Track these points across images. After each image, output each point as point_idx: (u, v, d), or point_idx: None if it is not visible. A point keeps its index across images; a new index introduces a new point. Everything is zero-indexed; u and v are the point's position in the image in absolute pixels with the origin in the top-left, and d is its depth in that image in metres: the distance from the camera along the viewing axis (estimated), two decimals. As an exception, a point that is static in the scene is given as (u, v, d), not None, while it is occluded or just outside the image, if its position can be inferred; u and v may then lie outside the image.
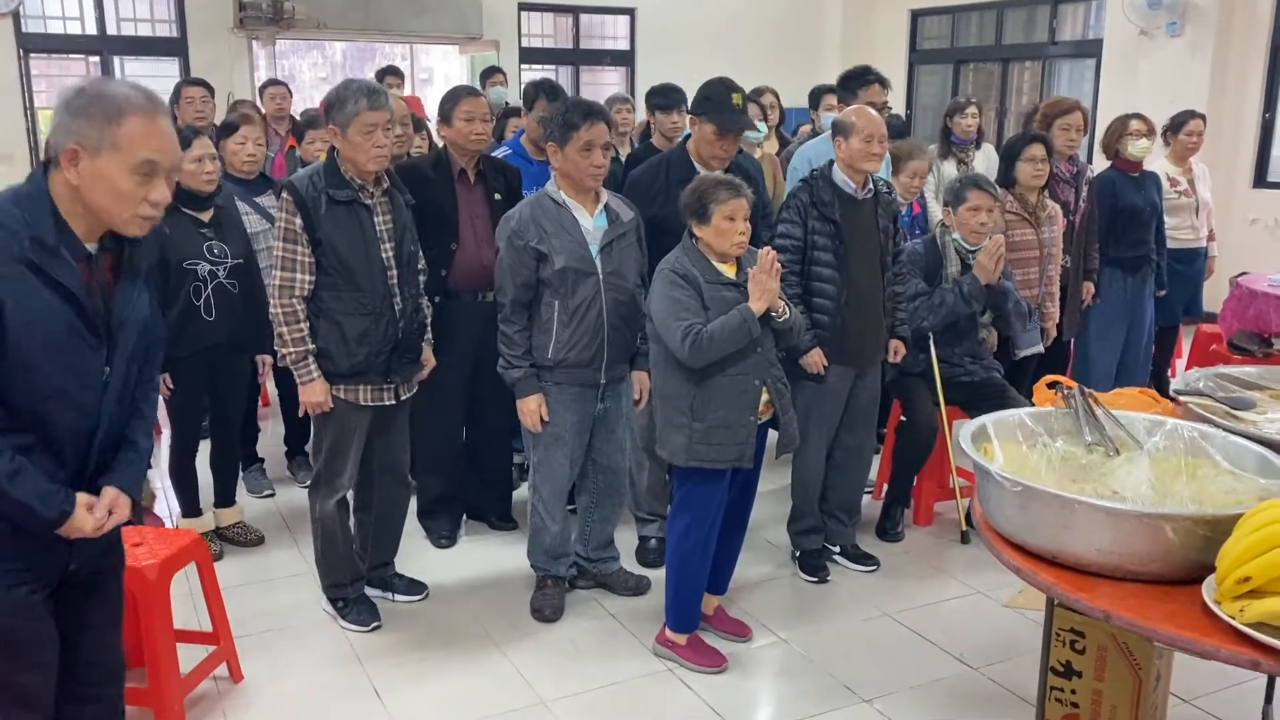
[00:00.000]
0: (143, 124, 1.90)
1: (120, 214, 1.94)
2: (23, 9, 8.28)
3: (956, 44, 10.81)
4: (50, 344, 1.93)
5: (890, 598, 3.74)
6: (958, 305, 4.02)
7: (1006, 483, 2.10)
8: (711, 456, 3.10)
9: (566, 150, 3.27)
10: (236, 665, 3.18)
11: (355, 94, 3.14)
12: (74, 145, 1.87)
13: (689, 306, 3.04)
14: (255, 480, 4.72)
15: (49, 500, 1.96)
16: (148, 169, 1.92)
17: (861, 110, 3.72)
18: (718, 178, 3.13)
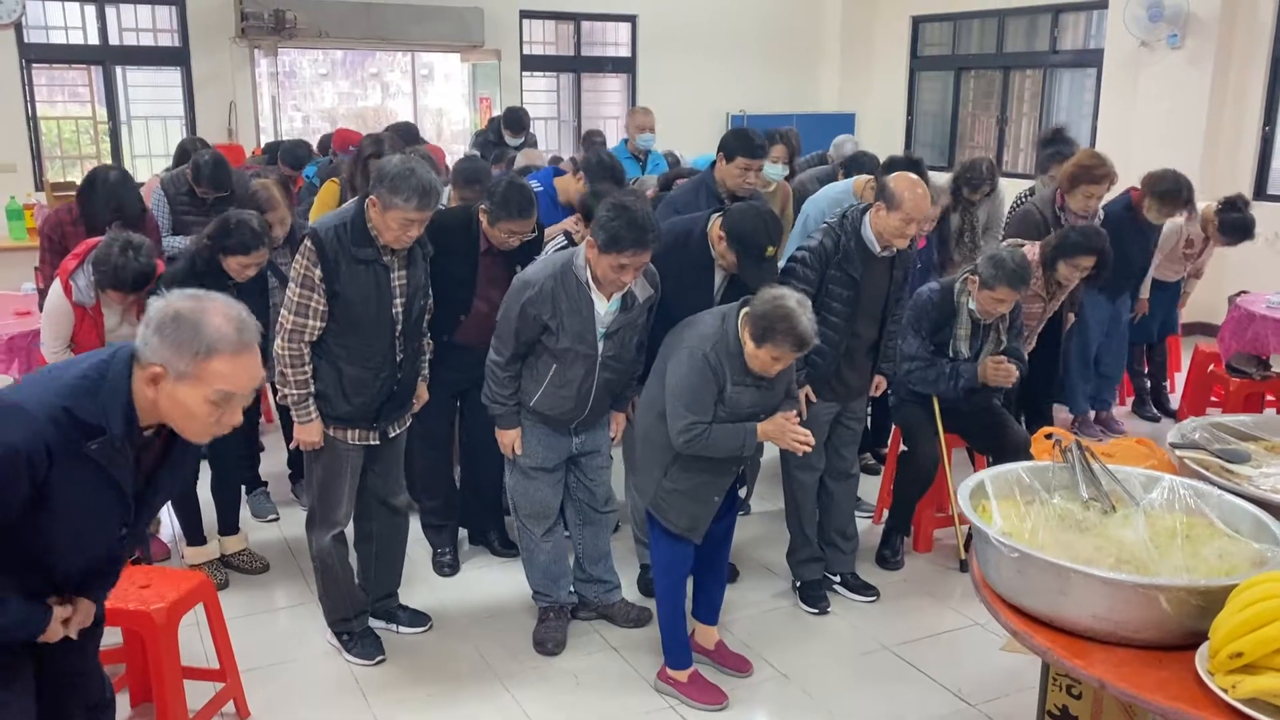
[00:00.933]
0: (229, 364, 1.92)
1: (189, 431, 1.99)
2: (25, 19, 8.28)
3: (957, 51, 10.81)
4: (85, 521, 1.99)
5: (890, 630, 3.78)
6: (947, 391, 4.04)
7: (1004, 548, 2.13)
8: (668, 517, 3.21)
9: (603, 259, 3.16)
10: (243, 701, 3.22)
11: (410, 190, 3.07)
12: (158, 369, 1.90)
13: (704, 404, 3.06)
14: (260, 504, 4.75)
15: (29, 628, 2.03)
16: (224, 399, 1.95)
17: (914, 188, 3.53)
18: (795, 328, 2.95)
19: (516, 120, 7.56)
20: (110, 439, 1.90)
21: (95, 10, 8.65)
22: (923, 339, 4.06)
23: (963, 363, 4.03)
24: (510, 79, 10.11)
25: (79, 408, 1.88)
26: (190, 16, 8.83)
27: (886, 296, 3.75)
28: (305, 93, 15.59)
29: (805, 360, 3.68)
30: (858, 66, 11.41)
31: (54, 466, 1.86)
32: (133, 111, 9.12)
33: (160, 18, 8.93)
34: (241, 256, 3.76)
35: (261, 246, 3.80)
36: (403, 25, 9.35)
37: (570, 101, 10.81)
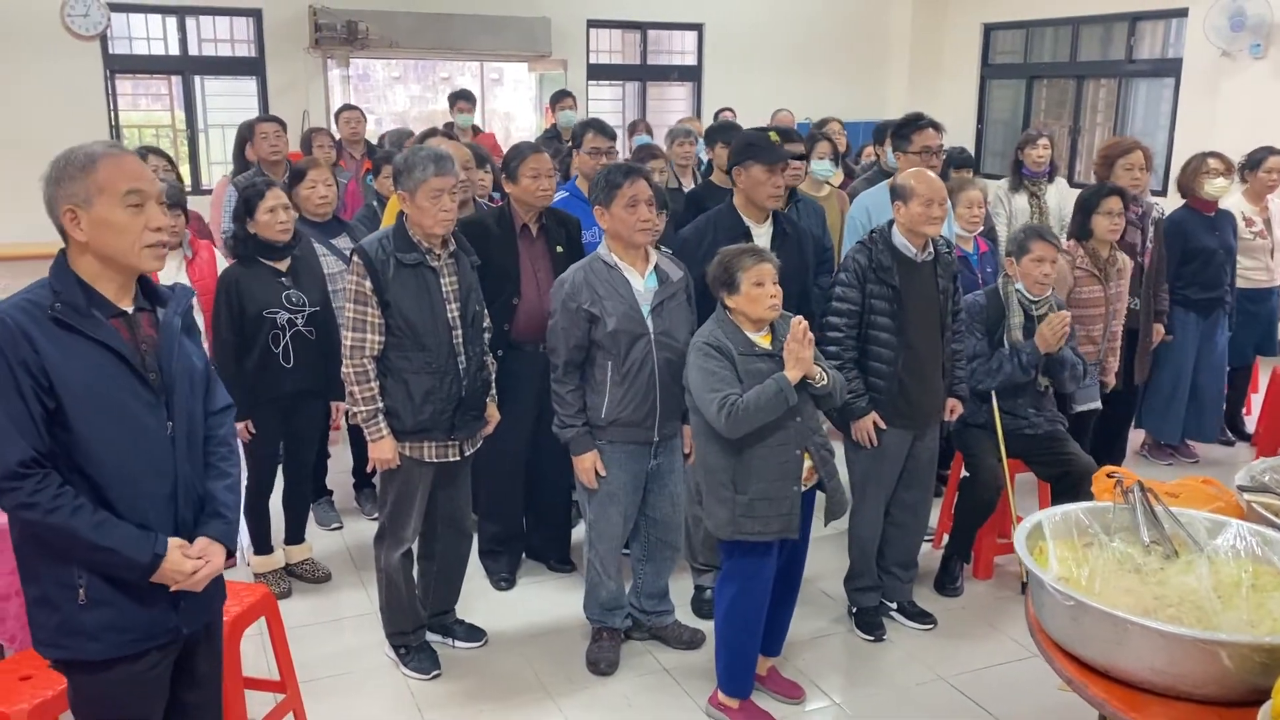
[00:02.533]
0: (113, 163, 2.07)
1: (129, 249, 2.09)
2: (110, 31, 8.55)
3: (1030, 59, 10.62)
4: (107, 404, 2.05)
5: (946, 659, 3.73)
6: (1015, 373, 3.99)
7: (1059, 595, 2.10)
8: (756, 529, 3.12)
9: (613, 209, 3.34)
10: (303, 713, 3.28)
11: (422, 161, 3.23)
12: (68, 207, 2.05)
13: (723, 378, 3.06)
14: (324, 513, 4.85)
15: (140, 545, 2.07)
16: (136, 199, 2.07)
17: (920, 173, 3.69)
18: (740, 247, 3.18)
19: (559, 96, 7.74)
20: (70, 300, 2.03)
21: (176, 22, 8.91)
22: (979, 339, 4.06)
23: (1020, 342, 4.03)
24: (576, 88, 10.16)
25: (33, 295, 2.05)
26: (266, 28, 9.05)
27: (938, 306, 3.71)
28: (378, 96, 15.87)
29: (866, 384, 3.66)
30: (927, 74, 11.27)
31: (39, 349, 1.98)
32: (210, 119, 9.38)
33: (238, 29, 9.16)
34: (261, 202, 3.84)
35: (273, 186, 3.92)
36: (471, 35, 9.47)
37: (635, 110, 10.84)
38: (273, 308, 3.87)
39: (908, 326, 3.64)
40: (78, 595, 2.07)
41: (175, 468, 2.16)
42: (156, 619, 2.16)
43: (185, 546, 2.15)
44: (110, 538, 2.04)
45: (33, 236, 7.98)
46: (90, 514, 2.02)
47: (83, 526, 2.02)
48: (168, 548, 2.11)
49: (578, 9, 10.06)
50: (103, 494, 2.06)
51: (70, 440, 2.03)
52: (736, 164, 3.78)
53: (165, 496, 2.15)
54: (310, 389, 4.05)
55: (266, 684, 3.29)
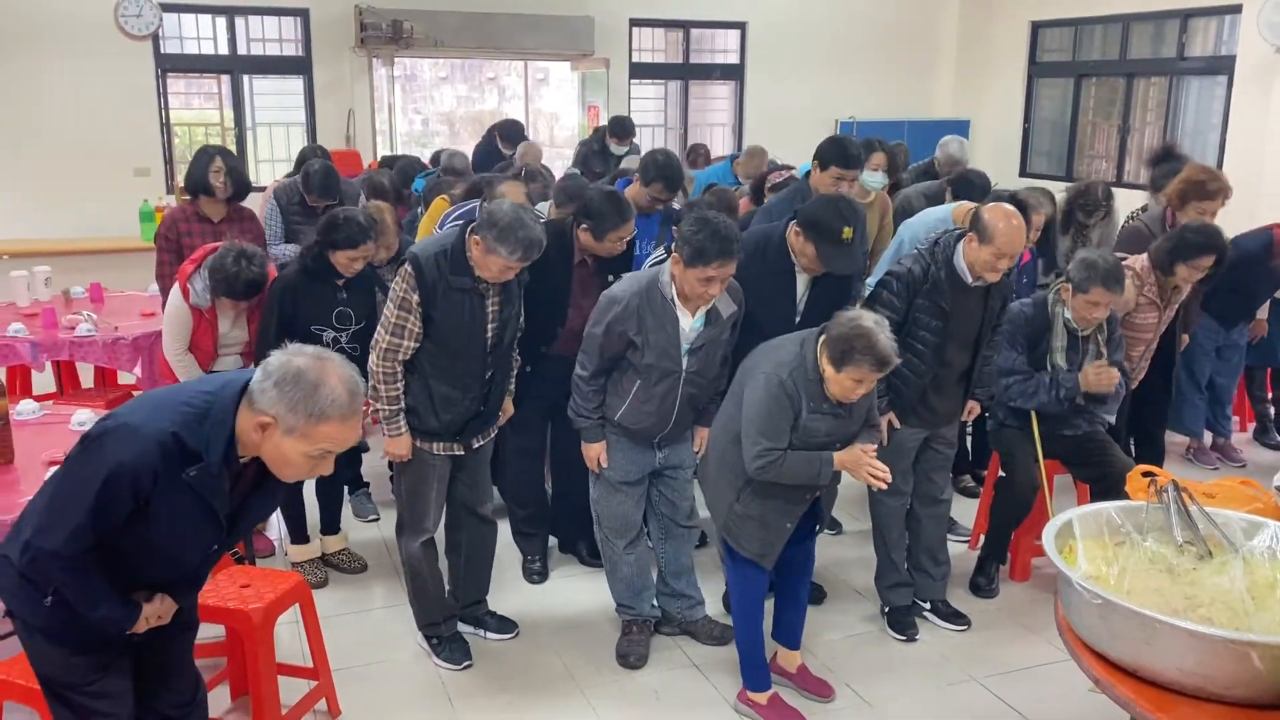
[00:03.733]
0: (337, 427, 2.03)
1: (282, 474, 2.12)
2: (161, 31, 8.72)
3: (1078, 57, 10.47)
4: (179, 538, 2.14)
5: (979, 660, 3.69)
6: (1050, 403, 3.92)
7: (1087, 593, 2.07)
8: (739, 542, 3.19)
9: (689, 273, 3.19)
10: (335, 700, 3.33)
11: (515, 244, 3.16)
12: (268, 419, 2.01)
13: (779, 429, 3.03)
14: (361, 504, 4.91)
15: (123, 621, 2.19)
16: (322, 455, 2.07)
17: (1009, 220, 3.41)
18: (874, 347, 2.89)
19: (622, 127, 7.63)
20: (208, 466, 2.02)
21: (225, 22, 9.06)
22: (1019, 353, 3.96)
23: (1063, 373, 3.91)
24: (618, 87, 10.20)
25: (185, 434, 2.00)
26: (313, 27, 9.17)
27: (980, 325, 3.65)
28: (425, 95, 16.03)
29: (888, 387, 3.62)
30: (973, 72, 11.16)
31: (157, 486, 2.00)
32: (258, 118, 9.53)
33: (285, 28, 9.29)
34: (349, 250, 3.88)
35: (368, 240, 3.93)
36: (515, 34, 9.52)
37: (677, 109, 10.85)
38: (321, 324, 3.93)
39: (947, 345, 3.59)
40: (45, 599, 2.14)
41: (199, 570, 2.31)
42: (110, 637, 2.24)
43: (154, 609, 2.25)
44: (101, 612, 2.14)
45: (86, 233, 8.24)
46: (94, 593, 2.12)
47: (83, 602, 2.12)
48: (140, 615, 2.22)
49: (620, 7, 10.08)
50: (118, 573, 2.14)
51: (128, 537, 2.08)
52: (799, 226, 3.54)
53: (170, 581, 2.27)
54: None
55: (300, 670, 3.34)
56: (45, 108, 8.35)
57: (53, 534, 2.04)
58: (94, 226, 8.32)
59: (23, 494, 2.97)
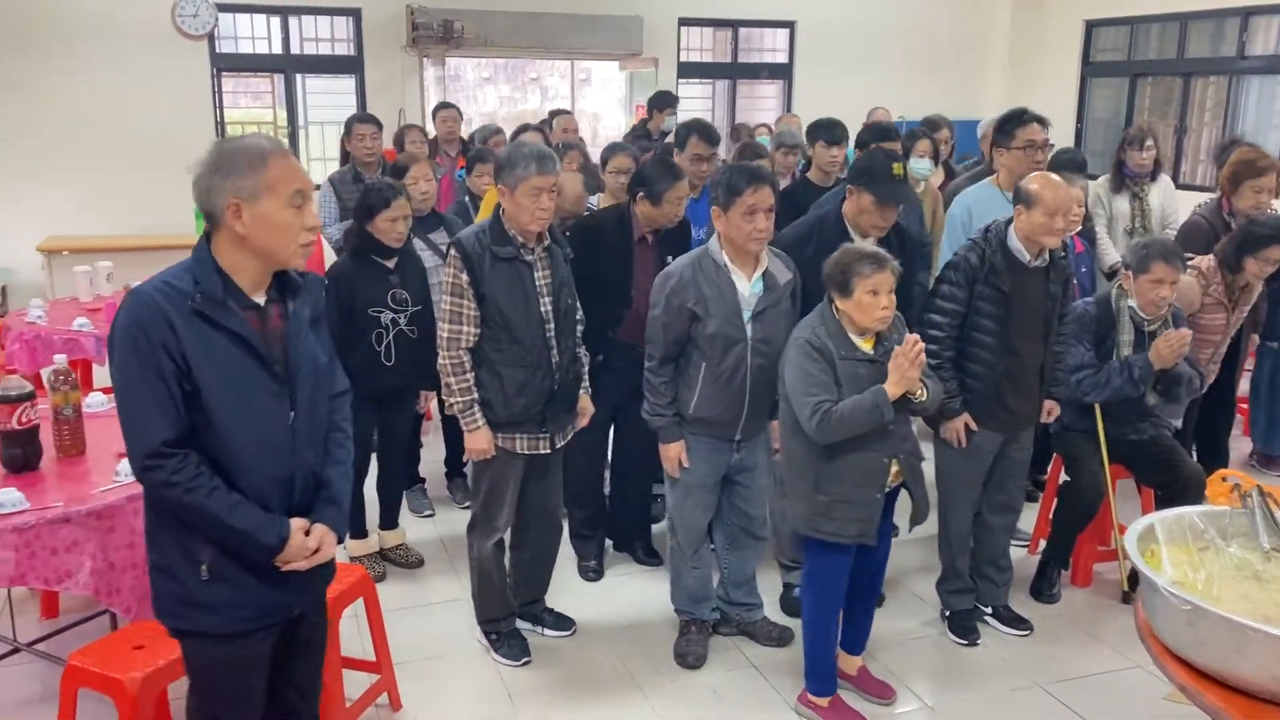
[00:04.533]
0: (283, 162, 2.10)
1: (286, 247, 2.13)
2: (217, 31, 8.84)
3: (1134, 56, 10.30)
4: (236, 392, 2.11)
5: (1043, 666, 3.64)
6: (1125, 388, 3.84)
7: (1175, 599, 2.03)
8: (832, 530, 3.11)
9: (730, 215, 3.27)
10: (396, 695, 3.35)
11: (525, 158, 3.25)
12: (234, 200, 2.06)
13: (821, 382, 3.01)
14: (417, 500, 4.94)
15: (268, 528, 2.15)
16: (299, 200, 2.11)
17: (1048, 181, 3.47)
18: (861, 250, 3.07)
19: (662, 99, 7.58)
20: (209, 291, 2.07)
21: (280, 21, 9.16)
22: (1087, 349, 3.91)
23: (1133, 355, 3.86)
24: (666, 86, 10.16)
25: (176, 279, 2.08)
26: (365, 27, 9.24)
27: (1046, 312, 3.60)
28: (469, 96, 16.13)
29: (961, 385, 3.59)
30: (1025, 72, 11.02)
31: (178, 334, 2.03)
32: (310, 117, 9.62)
33: (338, 28, 9.38)
34: (385, 211, 3.91)
35: (399, 197, 3.97)
36: (565, 34, 9.54)
37: (725, 108, 10.82)
38: (378, 306, 3.94)
39: (1012, 332, 3.54)
40: (200, 570, 2.14)
41: (294, 454, 2.22)
42: (271, 598, 2.23)
43: (304, 527, 2.22)
44: (243, 520, 2.11)
45: (144, 229, 8.37)
46: (225, 495, 2.10)
47: (218, 507, 2.09)
48: (291, 530, 2.18)
49: (670, 7, 10.07)
50: (228, 475, 2.12)
51: (201, 423, 2.09)
52: (851, 182, 3.66)
53: (283, 482, 2.21)
54: (408, 385, 4.12)
55: (363, 664, 3.36)
56: (105, 107, 8.48)
57: (139, 437, 2.05)
58: (152, 223, 8.44)
59: (95, 484, 3.02)
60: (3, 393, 3.08)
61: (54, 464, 3.19)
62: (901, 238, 3.77)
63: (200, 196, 2.10)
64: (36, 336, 4.90)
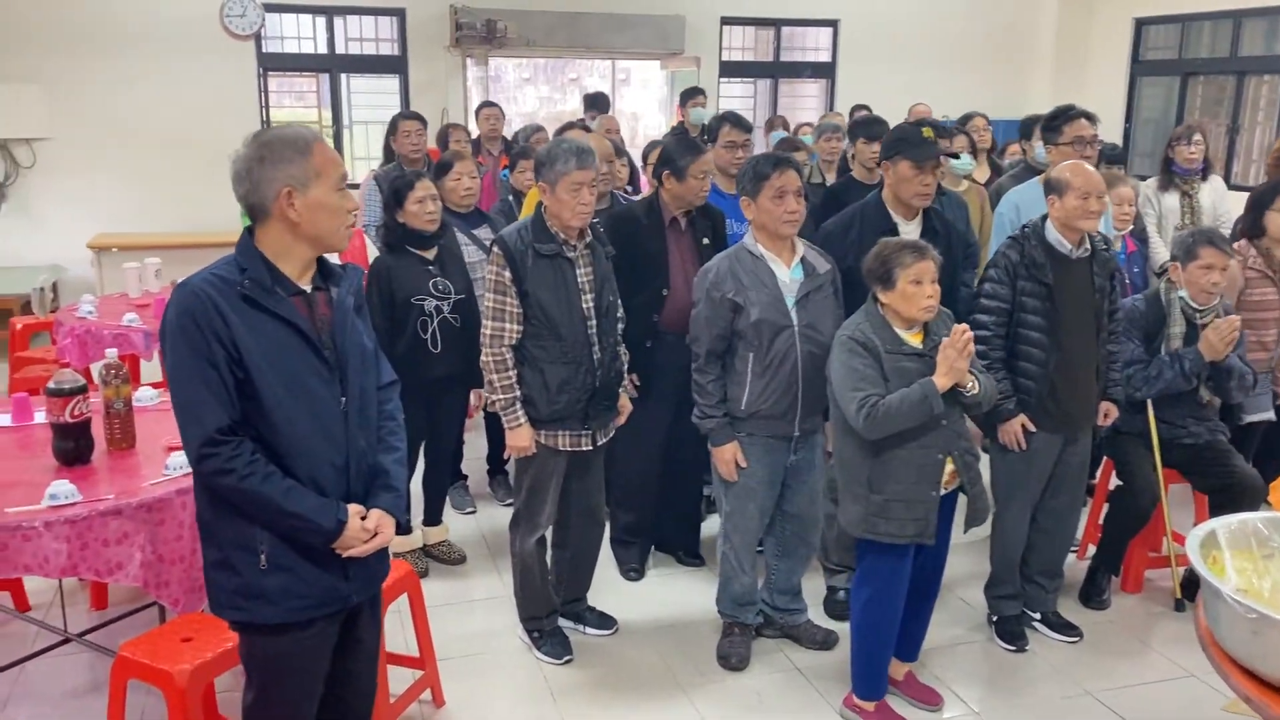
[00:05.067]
0: (324, 149, 2.16)
1: (336, 230, 2.19)
2: (263, 31, 8.93)
3: (1185, 55, 10.12)
4: (288, 378, 2.13)
5: (1093, 673, 3.57)
6: (1176, 381, 3.78)
7: (1239, 607, 1.97)
8: (889, 531, 3.05)
9: (759, 200, 3.29)
10: (439, 691, 3.36)
11: (565, 154, 3.25)
12: (287, 188, 2.10)
13: (867, 377, 2.97)
14: (459, 497, 4.95)
15: (324, 512, 2.16)
16: (342, 183, 2.18)
17: (1076, 165, 3.52)
18: (900, 241, 3.07)
19: (693, 91, 7.62)
20: (257, 277, 2.10)
21: (325, 21, 9.24)
22: (1136, 344, 3.86)
23: (1182, 348, 3.81)
24: (708, 85, 10.14)
25: (222, 270, 2.12)
26: (409, 27, 9.30)
27: (1095, 306, 3.54)
28: (509, 97, 16.20)
29: (1014, 385, 3.53)
30: (1072, 71, 10.85)
31: (229, 322, 2.05)
32: (354, 116, 9.69)
33: (382, 28, 9.44)
34: (411, 193, 3.94)
35: (423, 178, 4.01)
36: (606, 34, 9.54)
37: (767, 107, 10.76)
38: (421, 294, 3.96)
39: (1060, 326, 3.48)
40: (259, 560, 2.16)
41: (348, 440, 2.24)
42: (330, 587, 2.23)
43: (361, 513, 2.24)
44: (299, 504, 2.13)
45: (192, 227, 8.48)
46: (280, 480, 2.11)
47: (274, 493, 2.10)
48: (349, 514, 2.20)
49: (711, 6, 10.04)
50: (282, 462, 2.14)
51: (254, 410, 2.11)
52: (885, 158, 3.70)
53: (339, 467, 2.23)
54: (456, 375, 4.12)
55: (407, 660, 3.37)
56: (152, 105, 8.59)
57: (195, 426, 2.07)
58: (200, 221, 8.55)
59: (145, 477, 3.05)
60: (56, 386, 3.11)
61: (105, 457, 3.23)
62: (946, 227, 3.74)
63: (247, 190, 2.13)
64: (87, 331, 4.96)
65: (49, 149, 8.43)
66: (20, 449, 3.31)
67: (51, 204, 8.50)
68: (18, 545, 2.72)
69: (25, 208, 8.46)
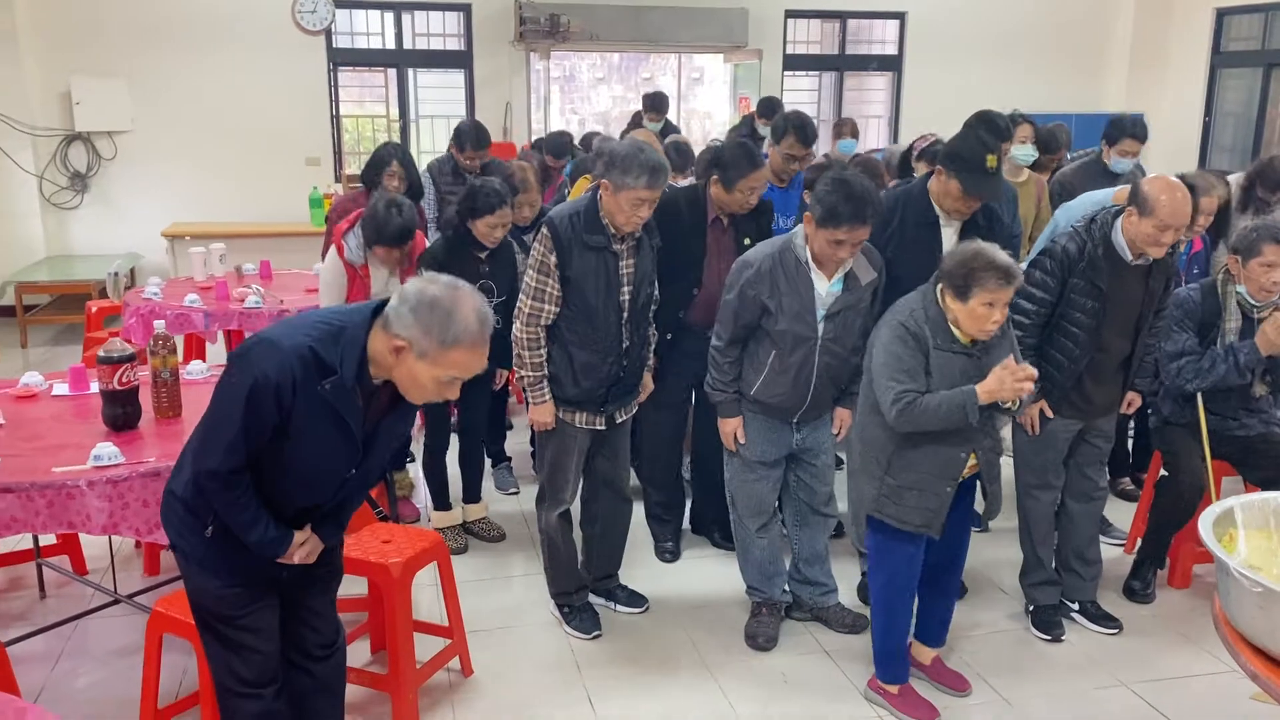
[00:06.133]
0: (467, 354, 2.12)
1: (411, 395, 2.22)
2: (333, 27, 9.15)
3: (1269, 45, 9.78)
4: (317, 452, 2.23)
5: (1130, 666, 3.49)
6: (1229, 375, 3.65)
7: (1246, 581, 1.93)
8: (896, 516, 3.04)
9: (819, 233, 3.15)
10: (467, 660, 3.42)
11: (639, 168, 3.19)
12: (403, 343, 2.10)
13: (910, 369, 2.92)
14: (503, 477, 5.02)
15: (279, 544, 2.31)
16: (450, 380, 2.17)
17: (1172, 192, 3.21)
18: (995, 259, 2.85)
19: (769, 106, 7.56)
20: (342, 380, 2.13)
21: (393, 16, 9.43)
22: (1189, 335, 3.74)
23: (1238, 341, 3.68)
24: (771, 78, 10.12)
25: (320, 349, 2.12)
26: (475, 22, 9.44)
27: (1141, 308, 3.44)
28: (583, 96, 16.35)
29: (1041, 375, 3.46)
30: (1149, 63, 10.56)
31: (296, 398, 2.11)
32: (421, 111, 9.87)
33: (449, 24, 9.60)
34: (489, 217, 3.99)
35: (504, 206, 4.02)
36: (669, 27, 9.56)
37: (832, 101, 10.68)
38: None
39: (1104, 328, 3.40)
40: (206, 529, 2.30)
41: (335, 497, 2.39)
42: (265, 568, 2.36)
43: (304, 538, 2.37)
44: (260, 534, 2.27)
45: (260, 217, 8.74)
46: (253, 511, 2.25)
47: (243, 520, 2.25)
48: (291, 543, 2.34)
49: (776, 0, 10.01)
50: (266, 496, 2.27)
51: (267, 460, 2.22)
52: (941, 162, 3.54)
53: (308, 509, 2.38)
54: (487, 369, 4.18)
55: (436, 628, 3.44)
56: (226, 99, 8.86)
57: (211, 454, 2.18)
58: (267, 211, 8.82)
59: (188, 444, 3.16)
60: (105, 354, 3.25)
61: (152, 424, 3.35)
62: (990, 220, 3.65)
63: (394, 310, 2.12)
64: (151, 311, 5.14)
65: (129, 141, 8.76)
66: (75, 415, 3.46)
67: (131, 194, 8.83)
68: (63, 503, 2.86)
69: (106, 198, 8.80)
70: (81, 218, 8.79)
